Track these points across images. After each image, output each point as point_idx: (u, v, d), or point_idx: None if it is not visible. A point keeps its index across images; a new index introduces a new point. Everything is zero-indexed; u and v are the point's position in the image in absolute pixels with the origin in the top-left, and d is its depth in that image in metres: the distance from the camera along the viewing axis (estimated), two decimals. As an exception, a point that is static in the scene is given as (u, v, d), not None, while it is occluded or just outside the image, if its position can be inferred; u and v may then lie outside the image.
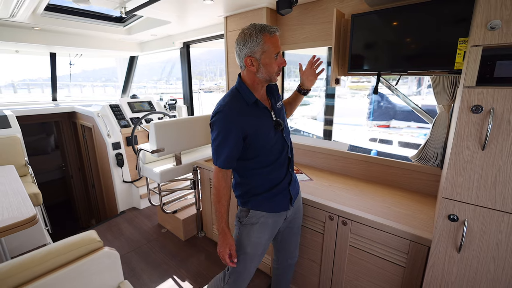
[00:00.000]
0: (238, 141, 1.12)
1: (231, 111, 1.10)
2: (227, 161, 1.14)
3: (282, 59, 1.14)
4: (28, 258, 0.76)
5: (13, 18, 2.29)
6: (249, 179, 1.25)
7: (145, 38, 3.35)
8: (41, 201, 2.19)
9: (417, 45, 1.36)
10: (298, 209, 1.42)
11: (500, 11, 0.79)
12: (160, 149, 2.05)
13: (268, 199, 1.24)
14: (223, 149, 1.12)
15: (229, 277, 1.30)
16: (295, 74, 2.52)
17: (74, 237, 0.87)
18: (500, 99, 0.82)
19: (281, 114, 1.27)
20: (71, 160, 4.13)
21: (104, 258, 0.90)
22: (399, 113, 6.74)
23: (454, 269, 1.01)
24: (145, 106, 3.44)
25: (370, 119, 7.06)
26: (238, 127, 1.09)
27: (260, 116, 1.17)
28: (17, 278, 0.72)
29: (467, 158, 0.91)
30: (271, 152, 1.21)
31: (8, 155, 2.35)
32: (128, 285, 0.98)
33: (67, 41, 3.05)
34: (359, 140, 6.87)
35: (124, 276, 2.01)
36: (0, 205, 1.30)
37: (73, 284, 0.81)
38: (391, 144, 6.32)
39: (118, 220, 2.86)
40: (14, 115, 2.68)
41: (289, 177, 1.29)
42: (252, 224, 1.24)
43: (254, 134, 1.14)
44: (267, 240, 1.28)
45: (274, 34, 1.08)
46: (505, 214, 0.87)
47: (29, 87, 9.37)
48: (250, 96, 1.14)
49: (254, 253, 1.25)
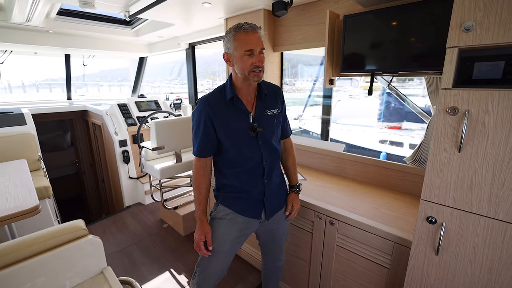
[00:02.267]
0: (209, 131, 1.15)
1: (205, 102, 1.15)
2: (200, 149, 1.19)
3: (258, 57, 1.07)
4: (18, 241, 0.85)
5: (29, 23, 2.45)
6: (221, 175, 1.26)
7: (152, 39, 3.46)
8: (51, 193, 2.33)
9: (409, 46, 1.34)
10: (282, 218, 1.37)
11: (474, 12, 0.78)
12: (160, 147, 2.13)
13: (237, 199, 1.24)
14: (197, 138, 1.18)
15: (197, 271, 1.31)
16: (308, 74, 2.49)
17: (62, 225, 0.95)
18: (475, 101, 0.82)
19: (264, 121, 1.20)
20: (84, 156, 4.33)
21: (88, 245, 0.97)
22: (411, 114, 6.56)
23: (433, 272, 1.00)
24: (152, 106, 3.56)
25: (380, 120, 6.91)
26: (207, 117, 1.14)
27: (234, 114, 1.16)
28: (6, 259, 0.80)
29: (444, 160, 0.90)
30: (241, 156, 1.19)
31: (22, 150, 2.52)
32: (110, 271, 1.05)
33: (79, 43, 3.21)
34: (368, 142, 6.75)
35: (125, 267, 2.13)
36: (9, 195, 1.41)
37: (59, 266, 0.89)
38: (401, 147, 6.17)
39: (123, 214, 2.99)
40: (30, 113, 2.86)
41: (262, 188, 1.23)
42: (220, 218, 1.25)
43: (222, 129, 1.15)
44: (235, 238, 1.25)
45: (246, 31, 1.06)
46: (481, 217, 0.86)
47: (51, 87, 9.86)
48: (228, 92, 1.15)
49: (219, 249, 1.23)
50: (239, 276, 1.99)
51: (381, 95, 7.25)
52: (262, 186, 1.24)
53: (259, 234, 1.41)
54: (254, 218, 1.26)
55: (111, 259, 2.23)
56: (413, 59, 1.34)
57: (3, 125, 2.60)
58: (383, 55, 1.45)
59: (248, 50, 1.06)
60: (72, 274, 0.97)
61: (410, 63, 1.36)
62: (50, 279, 0.91)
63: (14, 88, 7.44)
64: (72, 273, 0.96)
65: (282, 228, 1.40)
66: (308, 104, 6.85)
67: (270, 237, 1.40)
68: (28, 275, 0.86)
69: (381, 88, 7.05)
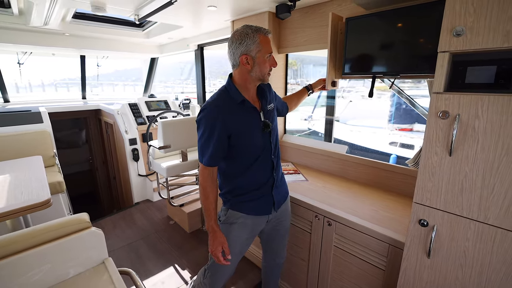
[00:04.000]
0: (223, 139, 1.12)
1: (217, 108, 1.11)
2: (212, 159, 1.15)
3: (274, 61, 1.16)
4: (29, 231, 0.93)
5: (46, 26, 2.58)
6: (231, 179, 1.26)
7: (163, 41, 3.56)
8: (64, 188, 2.45)
9: (411, 48, 1.34)
10: (286, 212, 1.41)
11: (464, 17, 0.79)
12: (167, 146, 2.20)
13: (249, 201, 1.26)
14: (208, 147, 1.13)
15: (208, 272, 1.35)
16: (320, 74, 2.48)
17: (68, 217, 1.03)
18: (465, 105, 0.82)
19: (270, 116, 1.27)
20: (97, 153, 4.50)
21: (91, 236, 1.05)
22: (421, 115, 6.40)
23: (425, 275, 1.00)
24: (161, 105, 3.66)
25: (391, 122, 6.78)
26: (222, 125, 1.10)
27: (247, 116, 1.18)
28: (17, 246, 0.88)
29: (436, 163, 0.91)
30: (255, 154, 1.21)
31: (38, 147, 2.66)
32: (111, 262, 1.12)
33: (93, 44, 3.36)
34: (378, 144, 6.63)
35: (131, 261, 2.21)
36: (24, 189, 1.51)
37: (64, 255, 0.98)
38: (412, 149, 6.03)
39: (132, 211, 3.10)
40: (46, 112, 3.01)
41: (272, 180, 1.28)
42: (231, 224, 1.27)
43: (239, 133, 1.14)
44: (245, 240, 1.30)
45: (267, 35, 1.11)
46: (471, 221, 0.86)
47: (68, 86, 10.27)
48: (237, 95, 1.15)
49: (231, 251, 1.25)
50: (239, 274, 2.03)
51: (391, 96, 7.12)
52: (272, 179, 1.29)
53: (263, 232, 1.43)
54: (265, 215, 1.30)
55: (119, 253, 2.33)
56: (414, 61, 1.34)
57: (21, 122, 2.75)
58: (386, 57, 1.45)
59: (270, 54, 1.13)
60: (75, 263, 1.05)
61: (411, 65, 1.36)
62: (56, 266, 0.99)
63: (34, 87, 7.81)
64: (76, 262, 1.04)
65: (286, 224, 1.45)
66: (318, 104, 6.81)
67: (273, 234, 1.44)
68: (36, 262, 0.95)
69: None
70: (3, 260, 0.91)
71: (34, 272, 0.94)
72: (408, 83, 5.75)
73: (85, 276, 1.07)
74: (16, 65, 3.64)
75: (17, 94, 4.17)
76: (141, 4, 1.99)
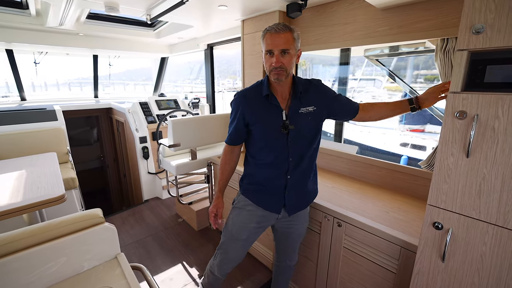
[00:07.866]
0: (240, 124, 1.24)
1: (242, 96, 1.24)
2: (230, 138, 1.30)
3: (273, 59, 1.09)
4: (45, 225, 0.96)
5: (62, 27, 2.65)
6: (248, 165, 1.34)
7: (173, 40, 3.60)
8: (77, 184, 2.51)
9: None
10: (300, 217, 1.38)
11: (484, 14, 0.76)
12: (177, 144, 2.22)
13: (258, 193, 1.30)
14: (230, 127, 1.29)
15: (217, 254, 1.43)
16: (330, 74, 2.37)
17: (82, 212, 1.06)
18: (484, 105, 0.80)
19: (299, 118, 1.19)
20: (108, 151, 4.59)
21: (104, 231, 1.08)
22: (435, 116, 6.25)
23: (439, 279, 0.98)
24: (171, 104, 3.70)
25: (402, 122, 6.65)
26: (241, 112, 1.22)
27: (267, 111, 1.19)
28: (34, 239, 0.92)
29: (452, 165, 0.88)
30: (269, 151, 1.22)
31: (53, 144, 2.74)
32: (123, 257, 1.14)
33: (106, 44, 3.42)
34: (389, 145, 6.52)
35: (140, 257, 2.25)
36: (40, 184, 1.56)
37: (78, 249, 1.01)
38: (424, 150, 5.90)
39: (142, 208, 3.14)
40: (60, 110, 3.09)
41: (284, 183, 1.25)
42: (240, 208, 1.33)
43: (254, 125, 1.21)
44: (254, 229, 1.33)
45: (270, 32, 1.09)
46: (489, 225, 0.84)
47: (81, 85, 10.54)
48: (263, 89, 1.21)
49: (237, 236, 1.33)
50: (248, 273, 2.04)
51: (403, 96, 6.98)
52: (284, 180, 1.26)
53: (275, 229, 1.45)
54: (275, 213, 1.32)
55: (128, 249, 2.37)
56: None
57: (37, 120, 2.84)
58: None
59: (268, 51, 1.11)
60: (89, 257, 1.07)
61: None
62: (71, 259, 1.03)
63: (50, 86, 8.05)
64: (90, 255, 1.07)
65: (299, 230, 1.42)
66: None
67: (285, 235, 1.44)
68: (53, 255, 0.99)
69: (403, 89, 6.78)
70: (22, 252, 0.95)
71: (51, 265, 0.97)
72: (419, 83, 5.59)
73: (99, 270, 1.10)
74: (32, 64, 3.75)
75: (33, 93, 4.31)
76: (153, 4, 2.02)
